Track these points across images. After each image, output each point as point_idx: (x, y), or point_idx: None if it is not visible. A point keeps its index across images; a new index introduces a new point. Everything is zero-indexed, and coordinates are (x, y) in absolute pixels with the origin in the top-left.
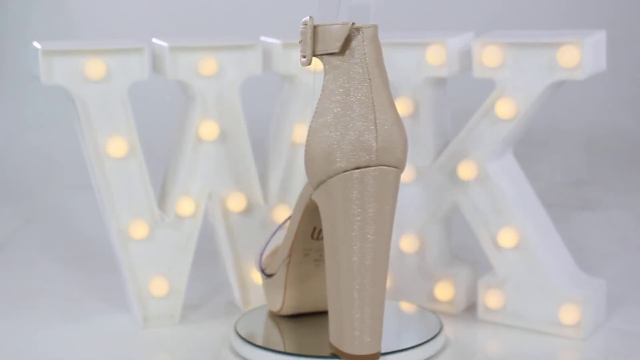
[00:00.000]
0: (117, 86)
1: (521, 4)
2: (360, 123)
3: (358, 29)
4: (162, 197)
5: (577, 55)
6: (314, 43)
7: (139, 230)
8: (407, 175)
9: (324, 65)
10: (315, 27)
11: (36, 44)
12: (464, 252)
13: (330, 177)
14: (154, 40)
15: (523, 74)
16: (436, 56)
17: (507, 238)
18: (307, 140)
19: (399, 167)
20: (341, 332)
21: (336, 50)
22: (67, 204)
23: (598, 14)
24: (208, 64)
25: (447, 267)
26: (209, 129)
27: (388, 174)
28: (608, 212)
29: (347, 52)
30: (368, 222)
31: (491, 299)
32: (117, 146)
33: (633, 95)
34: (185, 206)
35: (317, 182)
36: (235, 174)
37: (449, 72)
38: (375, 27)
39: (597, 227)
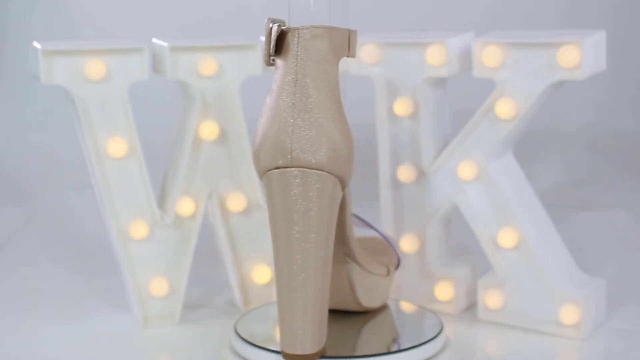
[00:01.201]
0: (117, 86)
1: (521, 4)
2: (281, 123)
3: (293, 30)
4: (162, 197)
5: (577, 55)
6: (268, 43)
7: (139, 230)
8: (407, 175)
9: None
10: (271, 28)
11: (36, 44)
12: (464, 252)
13: (261, 175)
14: (154, 40)
15: (523, 74)
16: (436, 56)
17: (507, 238)
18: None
19: (326, 170)
20: (280, 327)
21: (270, 52)
22: (67, 204)
23: (598, 14)
24: (208, 64)
25: (447, 267)
26: (209, 129)
27: (308, 176)
28: (608, 212)
29: (283, 52)
30: (293, 222)
31: (491, 299)
32: (117, 146)
33: (633, 95)
34: (185, 206)
35: (259, 177)
36: (235, 174)
37: (449, 72)
38: (317, 28)
39: (597, 227)
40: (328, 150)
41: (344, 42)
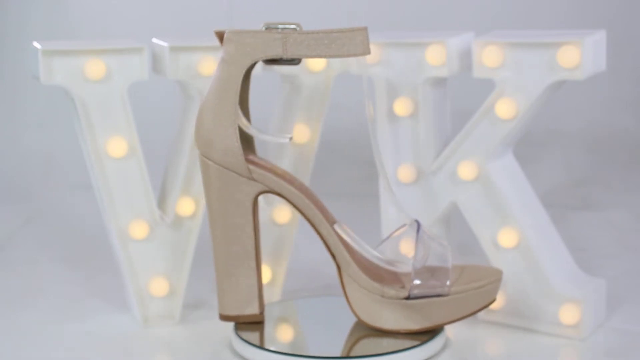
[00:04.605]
0: (117, 86)
1: (521, 4)
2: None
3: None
4: (162, 197)
5: (577, 55)
6: None
7: (139, 230)
8: (407, 176)
9: None
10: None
11: (36, 44)
12: (464, 252)
13: None
14: (154, 40)
15: (523, 74)
16: (436, 56)
17: (507, 238)
18: None
19: (201, 152)
20: None
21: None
22: (67, 204)
23: (598, 14)
24: (207, 64)
25: None
26: None
27: (207, 165)
28: (608, 212)
29: None
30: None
31: None
32: (117, 146)
33: (633, 95)
34: (185, 206)
35: None
36: None
37: (449, 72)
38: (230, 32)
39: (597, 227)
40: (218, 146)
41: (268, 45)
